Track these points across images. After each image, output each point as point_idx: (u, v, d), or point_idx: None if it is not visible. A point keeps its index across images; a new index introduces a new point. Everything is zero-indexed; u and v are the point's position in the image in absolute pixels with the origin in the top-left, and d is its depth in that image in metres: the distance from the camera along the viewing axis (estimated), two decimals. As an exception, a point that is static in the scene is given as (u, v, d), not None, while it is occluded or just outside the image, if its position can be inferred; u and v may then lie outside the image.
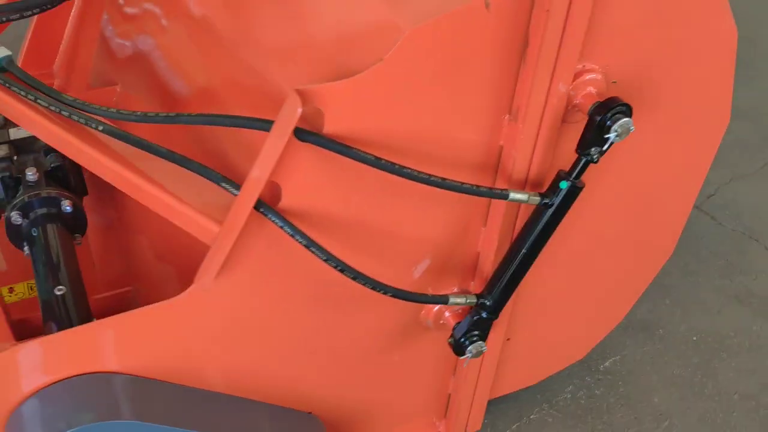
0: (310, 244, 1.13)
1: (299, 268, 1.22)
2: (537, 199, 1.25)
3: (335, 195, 1.16)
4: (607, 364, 2.05)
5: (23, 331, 1.46)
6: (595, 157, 1.22)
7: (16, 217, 1.53)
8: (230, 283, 1.15)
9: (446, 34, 1.06)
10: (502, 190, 1.22)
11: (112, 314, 1.57)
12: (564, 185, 1.24)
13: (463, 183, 1.19)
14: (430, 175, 1.13)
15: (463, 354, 1.42)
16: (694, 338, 2.15)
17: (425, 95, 1.11)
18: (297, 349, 1.37)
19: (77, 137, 1.26)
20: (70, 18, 1.88)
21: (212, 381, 1.29)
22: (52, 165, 1.62)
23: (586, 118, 1.21)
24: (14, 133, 1.65)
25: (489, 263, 1.39)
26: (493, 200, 1.32)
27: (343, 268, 1.17)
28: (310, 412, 1.50)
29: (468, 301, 1.35)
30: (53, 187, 1.58)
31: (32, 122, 1.29)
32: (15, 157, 1.61)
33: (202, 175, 1.14)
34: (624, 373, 2.03)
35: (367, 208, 1.21)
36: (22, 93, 1.30)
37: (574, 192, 1.25)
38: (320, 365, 1.44)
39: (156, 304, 1.16)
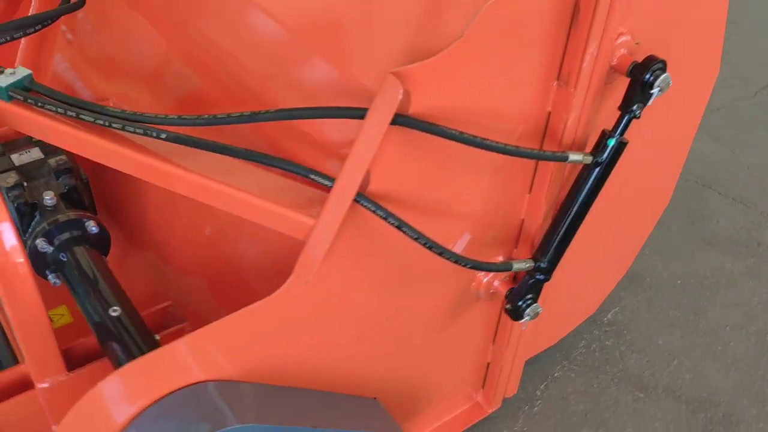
0: (402, 225, 1.15)
1: (383, 252, 1.23)
2: (590, 158, 1.32)
3: (415, 174, 1.18)
4: (609, 316, 2.16)
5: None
6: (638, 113, 1.31)
7: (42, 244, 1.46)
8: (326, 273, 1.15)
9: (515, 5, 1.10)
10: (562, 152, 1.28)
11: (160, 330, 1.54)
12: (611, 142, 1.31)
13: (533, 149, 1.24)
14: (506, 145, 1.18)
15: (521, 318, 1.48)
16: (678, 282, 2.31)
17: (495, 67, 1.15)
18: (374, 335, 1.39)
19: (131, 149, 1.22)
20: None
21: (298, 376, 1.29)
22: (66, 187, 1.55)
23: (624, 77, 1.30)
24: (17, 159, 1.57)
25: (535, 228, 1.45)
26: (540, 167, 1.38)
27: (431, 245, 1.19)
28: (374, 398, 1.52)
29: (528, 265, 1.41)
30: (73, 210, 1.51)
31: (76, 140, 1.24)
32: (24, 183, 1.53)
33: (287, 170, 1.14)
34: (626, 322, 2.15)
35: (440, 184, 1.24)
36: (60, 110, 1.25)
37: (620, 148, 1.32)
38: (387, 349, 1.46)
39: (254, 305, 1.13)
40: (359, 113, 1.07)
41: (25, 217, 1.50)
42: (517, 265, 1.39)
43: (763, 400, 1.95)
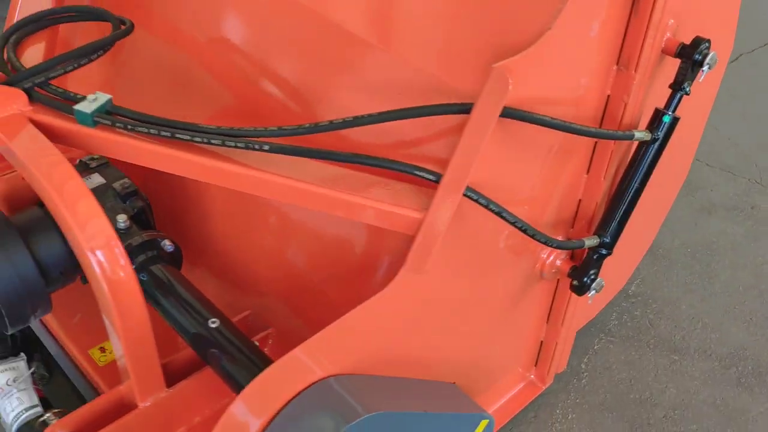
0: (502, 211, 1.22)
1: (475, 240, 1.31)
2: (649, 135, 1.42)
3: (503, 162, 1.25)
4: (633, 288, 2.28)
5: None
6: (688, 90, 1.41)
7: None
8: (434, 262, 1.21)
9: (593, -2, 1.19)
10: (629, 132, 1.38)
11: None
12: (667, 119, 1.42)
13: (614, 131, 1.33)
14: (590, 128, 1.27)
15: (586, 292, 1.57)
16: (688, 250, 2.45)
17: (574, 56, 1.24)
18: (459, 321, 1.45)
19: (230, 163, 1.26)
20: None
21: (396, 365, 1.34)
22: (135, 209, 1.56)
23: (673, 58, 1.40)
24: (82, 185, 1.57)
25: (594, 206, 1.54)
26: (599, 147, 1.47)
27: (525, 227, 1.27)
28: (453, 383, 1.58)
29: (595, 242, 1.50)
30: (144, 231, 1.53)
31: (172, 159, 1.27)
32: (92, 209, 1.53)
33: (392, 169, 1.19)
34: (650, 292, 2.28)
35: (522, 169, 1.31)
36: (153, 131, 1.27)
37: (673, 124, 1.43)
38: (467, 334, 1.53)
39: (367, 302, 1.18)
40: (465, 108, 1.14)
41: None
42: (588, 242, 1.48)
43: (785, 350, 2.10)
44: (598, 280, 1.56)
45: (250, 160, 1.29)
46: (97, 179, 1.60)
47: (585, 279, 1.55)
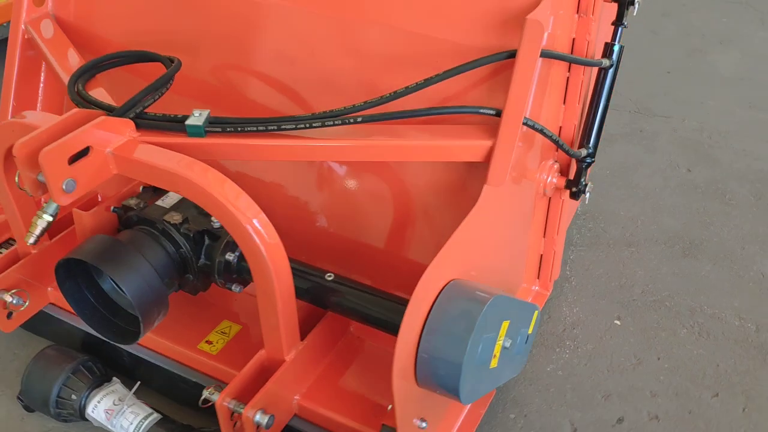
0: (553, 137, 1.63)
1: (522, 161, 1.69)
2: (608, 61, 1.88)
3: (538, 96, 1.64)
4: (580, 209, 2.77)
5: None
6: (626, 24, 1.89)
7: (232, 256, 1.72)
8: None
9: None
10: (599, 59, 1.82)
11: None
12: (616, 47, 1.88)
13: (595, 59, 1.77)
14: (590, 59, 1.70)
15: (582, 195, 2.00)
16: (607, 172, 2.98)
17: (564, 6, 1.66)
18: (508, 236, 1.82)
19: (336, 140, 1.57)
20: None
21: (480, 273, 1.69)
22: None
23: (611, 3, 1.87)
24: (164, 203, 1.79)
25: (573, 129, 1.98)
26: (571, 79, 1.90)
27: (561, 144, 1.68)
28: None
29: (586, 152, 1.93)
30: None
31: (284, 149, 1.56)
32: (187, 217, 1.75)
33: (459, 113, 1.56)
34: (593, 209, 2.76)
35: (545, 102, 1.71)
36: (261, 128, 1.55)
37: (621, 51, 1.90)
38: (509, 249, 1.91)
39: (466, 219, 1.52)
40: (511, 53, 1.53)
41: (197, 245, 1.74)
42: (582, 153, 1.92)
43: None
44: (588, 184, 2.00)
45: (329, 136, 1.60)
46: (174, 195, 1.82)
47: (580, 185, 1.99)
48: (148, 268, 1.64)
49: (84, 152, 1.47)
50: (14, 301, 1.85)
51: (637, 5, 1.86)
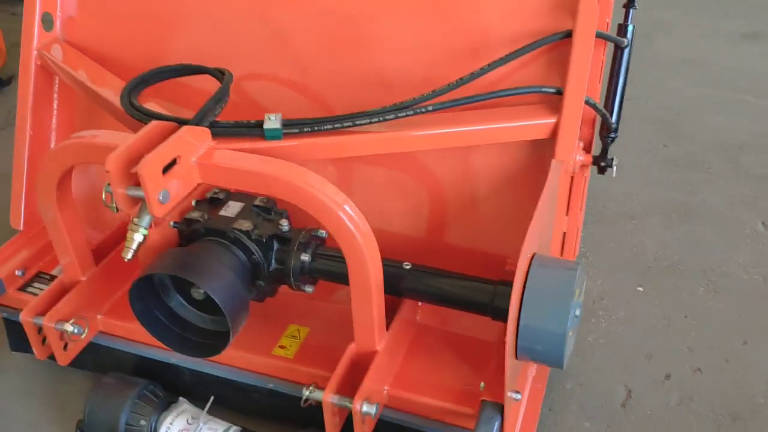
0: (605, 115, 1.73)
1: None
2: (625, 41, 2.00)
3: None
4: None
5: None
6: (636, 5, 2.03)
7: (305, 257, 1.72)
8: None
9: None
10: (621, 38, 1.94)
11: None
12: (630, 27, 2.01)
13: (619, 37, 1.89)
14: (621, 38, 1.82)
15: (607, 170, 2.11)
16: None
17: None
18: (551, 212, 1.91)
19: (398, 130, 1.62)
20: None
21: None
22: (282, 214, 1.80)
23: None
24: (228, 212, 1.77)
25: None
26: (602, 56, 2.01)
27: (611, 123, 1.79)
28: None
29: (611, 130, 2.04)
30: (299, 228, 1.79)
31: (361, 142, 1.61)
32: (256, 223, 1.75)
33: (522, 93, 1.63)
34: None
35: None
36: (337, 125, 1.59)
37: (633, 30, 2.03)
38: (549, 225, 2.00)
39: (542, 194, 1.59)
40: (568, 33, 1.62)
41: (268, 250, 1.74)
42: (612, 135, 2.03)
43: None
44: (613, 159, 2.13)
45: (397, 127, 1.65)
46: (236, 204, 1.82)
47: (607, 159, 2.10)
48: (230, 275, 1.64)
49: (172, 163, 1.46)
50: (75, 330, 1.80)
51: (646, -13, 2.00)
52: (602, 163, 2.09)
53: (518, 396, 1.60)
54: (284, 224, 1.75)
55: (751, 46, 4.10)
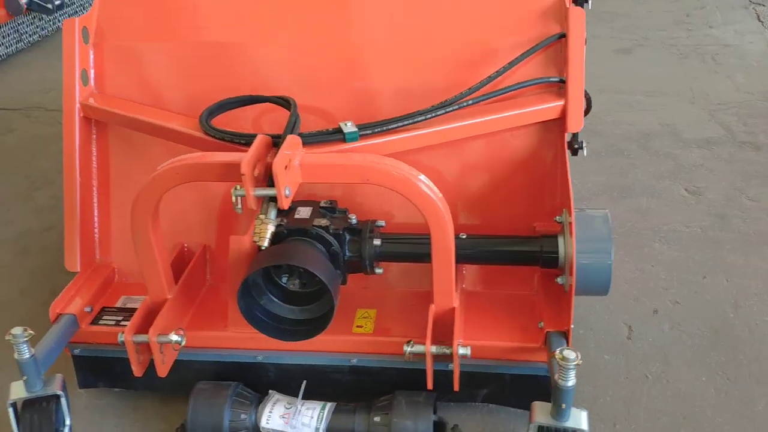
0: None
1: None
2: (583, 44, 2.49)
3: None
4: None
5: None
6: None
7: (377, 242, 2.02)
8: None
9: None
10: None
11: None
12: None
13: None
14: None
15: (578, 152, 2.56)
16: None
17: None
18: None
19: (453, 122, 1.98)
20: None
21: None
22: (345, 210, 2.09)
23: None
24: (302, 213, 2.03)
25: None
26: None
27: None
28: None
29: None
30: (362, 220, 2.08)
31: (427, 135, 1.98)
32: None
33: (534, 84, 2.05)
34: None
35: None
36: (407, 123, 1.92)
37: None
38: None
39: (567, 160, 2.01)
40: (562, 35, 2.06)
41: (343, 241, 2.02)
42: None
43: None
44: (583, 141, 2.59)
45: (445, 122, 2.02)
46: (305, 209, 2.08)
47: (578, 141, 2.55)
48: (325, 260, 1.91)
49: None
50: (179, 339, 1.98)
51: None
52: (576, 146, 2.55)
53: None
54: (353, 218, 2.05)
55: (626, 58, 4.84)
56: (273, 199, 1.74)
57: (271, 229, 1.79)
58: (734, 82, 4.30)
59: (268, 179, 1.74)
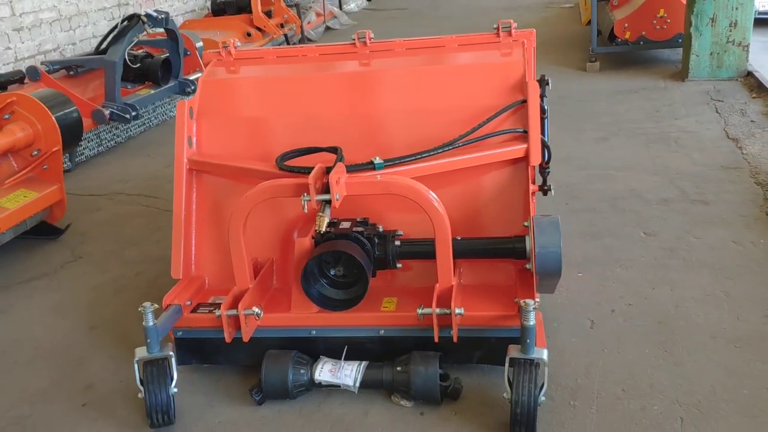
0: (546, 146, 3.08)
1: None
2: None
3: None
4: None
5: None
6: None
7: (398, 242, 2.87)
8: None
9: None
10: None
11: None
12: (545, 99, 3.44)
13: None
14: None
15: (548, 193, 3.42)
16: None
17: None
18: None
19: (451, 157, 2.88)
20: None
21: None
22: (372, 222, 2.96)
23: None
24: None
25: (533, 156, 3.47)
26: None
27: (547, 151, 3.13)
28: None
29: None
30: (386, 230, 2.95)
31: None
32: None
33: (505, 134, 2.95)
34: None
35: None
36: (441, 150, 2.82)
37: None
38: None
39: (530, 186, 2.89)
40: (523, 101, 2.98)
41: (373, 243, 2.87)
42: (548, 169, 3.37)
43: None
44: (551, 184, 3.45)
45: (444, 157, 2.91)
46: (346, 222, 2.96)
47: (547, 185, 3.41)
48: (361, 251, 2.77)
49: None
50: (259, 312, 2.80)
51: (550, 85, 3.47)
52: (545, 188, 3.42)
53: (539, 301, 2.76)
54: (380, 227, 2.92)
55: (603, 144, 5.77)
56: (328, 202, 2.61)
57: (326, 221, 2.65)
58: (691, 158, 5.19)
59: (324, 190, 2.63)
